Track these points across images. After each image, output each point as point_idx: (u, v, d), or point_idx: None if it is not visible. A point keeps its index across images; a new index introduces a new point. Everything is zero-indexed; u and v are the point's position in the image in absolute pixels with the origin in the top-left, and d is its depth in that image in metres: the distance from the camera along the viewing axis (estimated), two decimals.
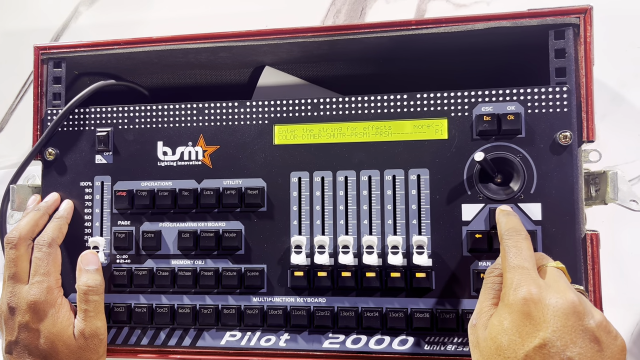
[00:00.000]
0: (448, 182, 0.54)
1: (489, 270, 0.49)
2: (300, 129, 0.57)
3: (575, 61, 0.53)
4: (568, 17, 0.53)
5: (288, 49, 0.60)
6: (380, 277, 0.54)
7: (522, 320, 0.42)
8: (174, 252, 0.58)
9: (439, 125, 0.54)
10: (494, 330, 0.44)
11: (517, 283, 0.44)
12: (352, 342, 0.55)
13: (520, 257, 0.45)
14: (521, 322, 0.42)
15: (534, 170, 0.52)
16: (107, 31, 0.78)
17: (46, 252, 0.56)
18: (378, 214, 0.55)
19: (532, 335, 0.41)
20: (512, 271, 0.45)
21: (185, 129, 0.59)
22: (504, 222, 0.49)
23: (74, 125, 0.61)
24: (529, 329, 0.42)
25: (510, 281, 0.44)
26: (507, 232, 0.48)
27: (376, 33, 0.57)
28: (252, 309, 0.56)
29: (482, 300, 0.47)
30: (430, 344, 0.53)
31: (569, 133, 0.52)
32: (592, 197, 0.54)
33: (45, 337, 0.54)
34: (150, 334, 0.58)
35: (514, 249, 0.46)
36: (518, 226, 0.48)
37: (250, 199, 0.56)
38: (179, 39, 0.60)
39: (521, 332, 0.42)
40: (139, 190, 0.58)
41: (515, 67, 0.60)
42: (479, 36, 0.55)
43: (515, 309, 0.43)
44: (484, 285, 0.48)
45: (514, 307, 0.43)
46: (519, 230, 0.48)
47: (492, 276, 0.48)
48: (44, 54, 0.62)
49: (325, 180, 0.56)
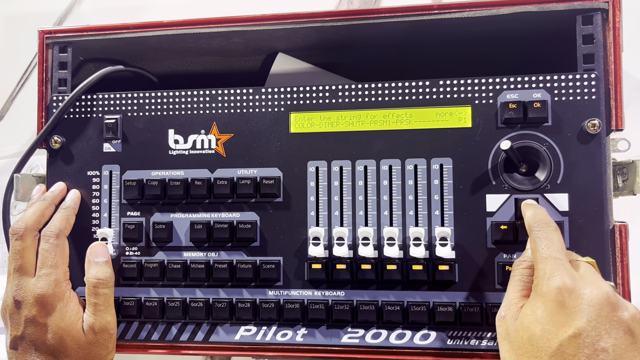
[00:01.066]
0: (472, 172, 0.52)
1: (517, 262, 0.47)
2: (317, 117, 0.55)
3: (604, 47, 0.51)
4: (597, 1, 0.51)
5: (304, 34, 0.58)
6: (402, 269, 0.52)
7: (556, 310, 0.41)
8: (186, 243, 0.56)
9: (463, 113, 0.53)
10: (526, 320, 0.43)
11: (550, 273, 0.43)
12: (372, 336, 0.53)
13: (553, 248, 0.45)
14: (555, 311, 0.41)
15: (560, 159, 0.51)
16: (112, 16, 0.76)
17: (54, 243, 0.54)
18: (399, 204, 0.53)
19: (567, 324, 0.41)
20: (545, 261, 0.44)
21: (198, 116, 0.57)
22: (531, 215, 0.48)
23: (80, 112, 0.58)
24: (563, 319, 0.41)
25: (543, 271, 0.44)
26: (536, 224, 0.47)
27: (396, 18, 0.55)
28: (268, 303, 0.54)
29: (511, 292, 0.46)
30: (454, 338, 0.52)
31: (597, 121, 0.50)
32: (619, 187, 0.53)
33: (53, 332, 0.52)
34: (161, 329, 0.56)
35: (546, 240, 0.45)
36: (547, 218, 0.47)
37: (266, 189, 0.54)
38: (192, 23, 0.57)
39: (555, 321, 0.41)
40: (149, 180, 0.56)
41: (541, 55, 0.58)
42: (503, 22, 0.54)
43: (549, 298, 0.42)
44: (513, 277, 0.47)
45: (548, 297, 0.42)
46: (548, 222, 0.47)
47: (520, 268, 0.47)
48: (49, 38, 0.60)
49: (344, 169, 0.54)
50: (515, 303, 0.45)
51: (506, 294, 0.47)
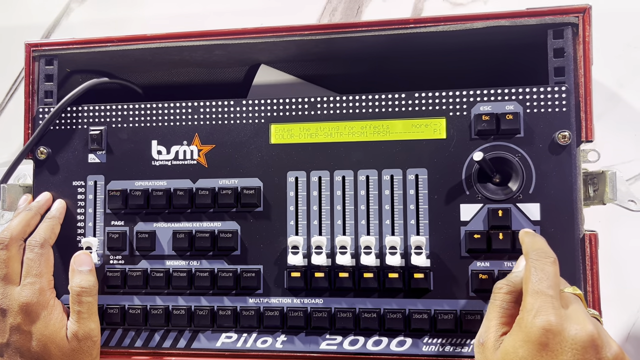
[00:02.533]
0: (446, 182, 0.53)
1: (497, 286, 0.47)
2: (297, 128, 0.56)
3: (574, 61, 0.53)
4: (567, 16, 0.53)
5: (285, 47, 0.59)
6: (378, 277, 0.54)
7: (538, 351, 0.41)
8: (169, 252, 0.57)
9: (437, 125, 0.54)
10: (507, 358, 0.43)
11: (537, 310, 0.42)
12: (350, 343, 0.54)
13: (546, 283, 0.44)
14: (538, 353, 0.41)
15: (532, 170, 0.52)
16: (99, 28, 0.77)
17: (38, 252, 0.55)
18: (376, 214, 0.54)
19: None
20: (535, 296, 0.43)
21: (180, 127, 0.58)
22: (529, 242, 0.48)
23: (66, 124, 0.59)
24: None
25: (531, 306, 0.43)
26: (535, 252, 0.46)
27: (374, 31, 0.56)
28: (248, 310, 0.55)
29: (491, 319, 0.46)
30: (429, 344, 0.53)
31: (568, 133, 0.52)
32: (590, 197, 0.54)
33: (37, 340, 0.53)
34: (145, 336, 0.57)
35: (541, 272, 0.44)
36: (546, 248, 0.47)
37: (247, 198, 0.56)
38: (174, 37, 0.59)
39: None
40: (132, 190, 0.57)
41: (514, 67, 0.59)
42: (477, 35, 0.55)
43: (533, 338, 0.41)
44: (492, 303, 0.47)
45: (532, 336, 0.42)
46: (547, 253, 0.46)
47: (502, 293, 0.47)
48: (36, 51, 0.61)
49: (323, 180, 0.55)
50: (495, 331, 0.45)
51: (485, 318, 0.47)
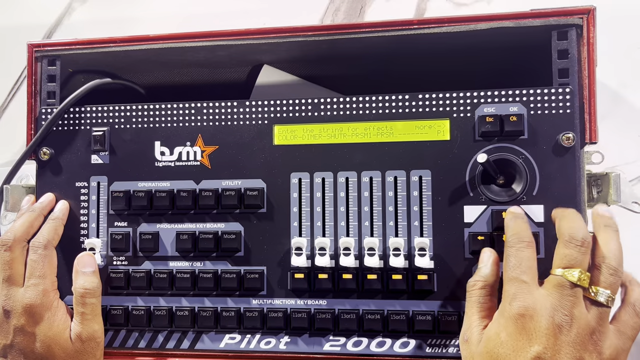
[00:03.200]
0: (450, 184, 0.53)
1: (471, 282, 0.49)
2: (300, 129, 0.56)
3: (578, 62, 0.53)
4: (571, 17, 0.53)
5: (287, 48, 0.59)
6: (382, 279, 0.54)
7: (517, 334, 0.43)
8: (172, 253, 0.57)
9: (441, 126, 0.54)
10: (490, 344, 0.45)
11: (513, 295, 0.44)
12: (353, 344, 0.54)
13: (519, 269, 0.45)
14: (516, 335, 0.43)
15: (536, 172, 0.52)
16: (102, 28, 0.77)
17: (42, 254, 0.55)
18: (379, 215, 0.54)
19: (526, 349, 0.43)
20: (510, 283, 0.45)
21: (184, 128, 0.58)
22: (510, 226, 0.49)
23: (69, 125, 0.59)
24: (523, 343, 0.43)
25: (507, 293, 0.45)
26: (510, 238, 0.48)
27: (377, 32, 0.56)
28: (252, 312, 0.55)
29: (470, 315, 0.48)
30: (432, 346, 0.53)
31: (572, 134, 0.52)
32: (594, 198, 0.54)
33: (41, 341, 0.53)
34: (148, 337, 0.57)
35: (514, 259, 0.46)
36: (522, 232, 0.48)
37: (250, 200, 0.56)
38: (177, 37, 0.59)
39: (516, 346, 0.43)
40: (136, 191, 0.57)
41: (518, 68, 0.59)
42: (481, 36, 0.55)
43: (511, 322, 0.44)
44: (469, 300, 0.49)
45: (510, 320, 0.44)
46: (522, 237, 0.47)
47: (476, 289, 0.48)
48: (38, 51, 0.61)
49: (326, 181, 0.55)
50: (477, 325, 0.47)
51: (465, 316, 0.49)
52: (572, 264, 0.45)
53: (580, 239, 0.45)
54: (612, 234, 0.47)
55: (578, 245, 0.45)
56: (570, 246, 0.45)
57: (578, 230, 0.45)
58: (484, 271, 0.49)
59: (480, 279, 0.49)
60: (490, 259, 0.50)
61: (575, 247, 0.45)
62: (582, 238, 0.45)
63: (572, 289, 0.44)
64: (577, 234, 0.45)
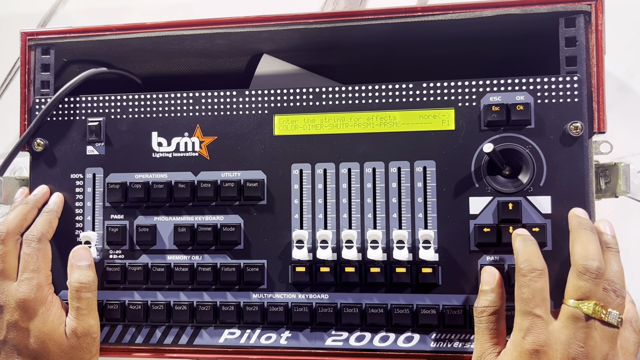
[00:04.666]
0: (455, 175, 0.52)
1: (479, 310, 0.48)
2: (301, 119, 0.55)
3: (586, 50, 0.51)
4: (579, 4, 0.51)
5: (288, 36, 0.58)
6: (385, 272, 0.52)
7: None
8: (170, 247, 0.56)
9: (446, 116, 0.53)
10: None
11: (526, 330, 0.44)
12: (356, 339, 0.53)
13: (533, 302, 0.44)
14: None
15: (543, 162, 0.51)
16: (97, 17, 0.75)
17: (35, 247, 0.54)
18: (383, 207, 0.53)
19: None
20: (523, 317, 0.45)
21: (181, 119, 0.56)
22: (520, 251, 0.47)
23: (63, 115, 0.58)
24: None
25: (520, 326, 0.45)
26: (522, 265, 0.46)
27: (380, 20, 0.55)
28: (252, 306, 0.54)
29: (483, 342, 0.47)
30: (437, 340, 0.52)
31: (580, 124, 0.50)
32: (602, 189, 0.53)
33: (35, 337, 0.52)
34: (145, 332, 0.56)
35: (527, 290, 0.45)
36: (534, 258, 0.46)
37: (250, 191, 0.54)
38: (175, 25, 0.57)
39: None
40: (132, 183, 0.56)
41: (525, 56, 0.58)
42: (486, 24, 0.54)
43: (524, 357, 0.44)
44: (479, 327, 0.48)
45: (524, 356, 0.44)
46: (534, 265, 0.45)
47: (485, 316, 0.47)
48: (32, 39, 0.59)
49: (328, 172, 0.54)
50: (490, 352, 0.46)
51: (476, 342, 0.48)
52: (586, 296, 0.44)
53: (595, 270, 0.44)
54: (614, 255, 0.47)
55: (593, 277, 0.44)
56: (584, 278, 0.44)
57: (592, 261, 0.44)
58: (491, 296, 0.48)
59: (489, 304, 0.47)
60: (496, 281, 0.48)
61: (589, 280, 0.44)
62: (597, 269, 0.44)
63: (587, 321, 0.43)
64: (592, 265, 0.44)
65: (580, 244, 0.45)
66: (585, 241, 0.46)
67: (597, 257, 0.44)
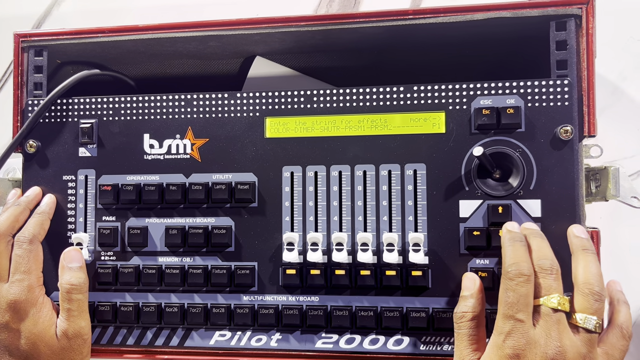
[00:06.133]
0: (445, 178, 0.52)
1: (459, 316, 0.48)
2: (292, 122, 0.55)
3: (577, 53, 0.51)
4: (570, 7, 0.51)
5: (280, 38, 0.58)
6: (375, 275, 0.52)
7: None
8: (161, 248, 0.56)
9: (437, 119, 0.53)
10: None
11: (507, 333, 0.44)
12: (346, 342, 0.53)
13: (516, 307, 0.45)
14: None
15: (533, 165, 0.51)
16: (92, 18, 0.75)
17: (27, 249, 0.54)
18: (373, 210, 0.53)
19: None
20: (505, 320, 0.45)
21: (173, 121, 0.56)
22: (509, 254, 0.47)
23: (56, 117, 0.58)
24: None
25: (502, 329, 0.45)
26: (509, 268, 0.46)
27: (372, 23, 0.55)
28: (243, 308, 0.54)
29: (462, 348, 0.47)
30: (427, 343, 0.52)
31: (570, 127, 0.50)
32: (592, 193, 0.53)
33: (26, 338, 0.52)
34: (137, 334, 0.56)
35: (513, 295, 0.45)
36: (522, 262, 0.46)
37: (241, 194, 0.54)
38: (167, 27, 0.57)
39: None
40: (124, 185, 0.56)
41: (515, 59, 0.58)
42: (478, 27, 0.54)
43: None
44: (459, 332, 0.48)
45: (503, 359, 0.44)
46: (521, 269, 0.45)
47: (465, 321, 0.48)
48: (25, 41, 0.59)
49: (319, 175, 0.54)
50: (469, 359, 0.46)
51: (456, 348, 0.48)
52: (548, 292, 0.45)
53: (549, 268, 0.46)
54: (591, 257, 0.47)
55: (548, 273, 0.46)
56: (542, 275, 0.46)
57: (545, 260, 0.46)
58: (471, 302, 0.48)
59: (468, 310, 0.48)
60: (476, 287, 0.49)
61: (547, 276, 0.46)
62: (550, 267, 0.46)
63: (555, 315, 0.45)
64: (545, 264, 0.46)
65: (533, 249, 0.47)
66: (536, 244, 0.48)
67: (549, 256, 0.47)
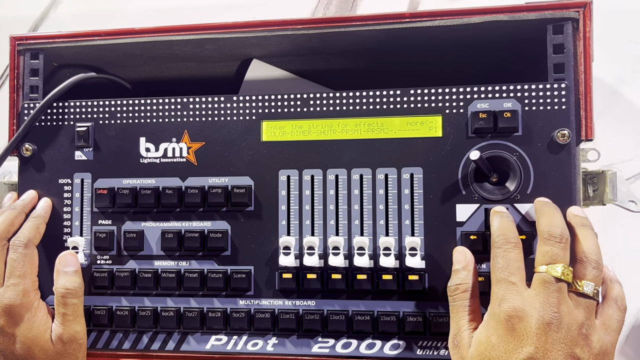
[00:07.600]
0: (442, 182, 0.52)
1: (453, 288, 0.48)
2: (289, 125, 0.55)
3: (574, 57, 0.51)
4: (567, 11, 0.51)
5: (277, 41, 0.58)
6: (372, 279, 0.52)
7: (507, 336, 0.43)
8: (157, 252, 0.56)
9: (433, 123, 0.52)
10: (481, 347, 0.44)
11: (502, 297, 0.44)
12: (342, 346, 0.53)
13: (507, 270, 0.45)
14: (507, 337, 0.43)
15: (530, 169, 0.51)
16: (88, 21, 0.75)
17: (22, 253, 0.53)
18: (370, 214, 0.53)
19: (517, 351, 0.42)
20: (498, 285, 0.45)
21: (169, 124, 0.56)
22: (496, 226, 0.48)
23: (52, 120, 0.58)
24: (514, 345, 0.43)
25: (496, 295, 0.45)
26: (497, 239, 0.47)
27: (369, 26, 0.54)
28: (239, 312, 0.54)
29: (458, 319, 0.47)
30: (423, 348, 0.52)
31: (567, 131, 0.50)
32: (590, 197, 0.53)
33: (21, 342, 0.52)
34: (132, 338, 0.56)
35: (502, 260, 0.46)
36: (507, 233, 0.47)
37: (237, 197, 0.54)
38: (163, 30, 0.57)
39: (507, 348, 0.43)
40: (120, 188, 0.56)
41: (512, 63, 0.58)
42: (475, 30, 0.54)
43: (501, 324, 0.44)
44: (454, 305, 0.48)
45: (500, 322, 0.44)
46: (509, 237, 0.47)
47: (459, 293, 0.48)
48: (21, 44, 0.59)
49: (315, 178, 0.54)
50: (466, 329, 0.46)
51: (452, 321, 0.48)
52: (554, 260, 0.45)
53: (559, 235, 0.45)
54: (589, 231, 0.47)
55: (557, 241, 0.45)
56: (550, 243, 0.45)
57: (556, 227, 0.46)
58: (464, 274, 0.48)
59: (461, 282, 0.48)
60: (467, 259, 0.49)
61: (555, 244, 0.45)
62: (560, 234, 0.45)
63: (557, 284, 0.44)
64: (555, 231, 0.45)
65: (544, 216, 0.47)
66: (548, 214, 0.47)
67: (561, 224, 0.46)
